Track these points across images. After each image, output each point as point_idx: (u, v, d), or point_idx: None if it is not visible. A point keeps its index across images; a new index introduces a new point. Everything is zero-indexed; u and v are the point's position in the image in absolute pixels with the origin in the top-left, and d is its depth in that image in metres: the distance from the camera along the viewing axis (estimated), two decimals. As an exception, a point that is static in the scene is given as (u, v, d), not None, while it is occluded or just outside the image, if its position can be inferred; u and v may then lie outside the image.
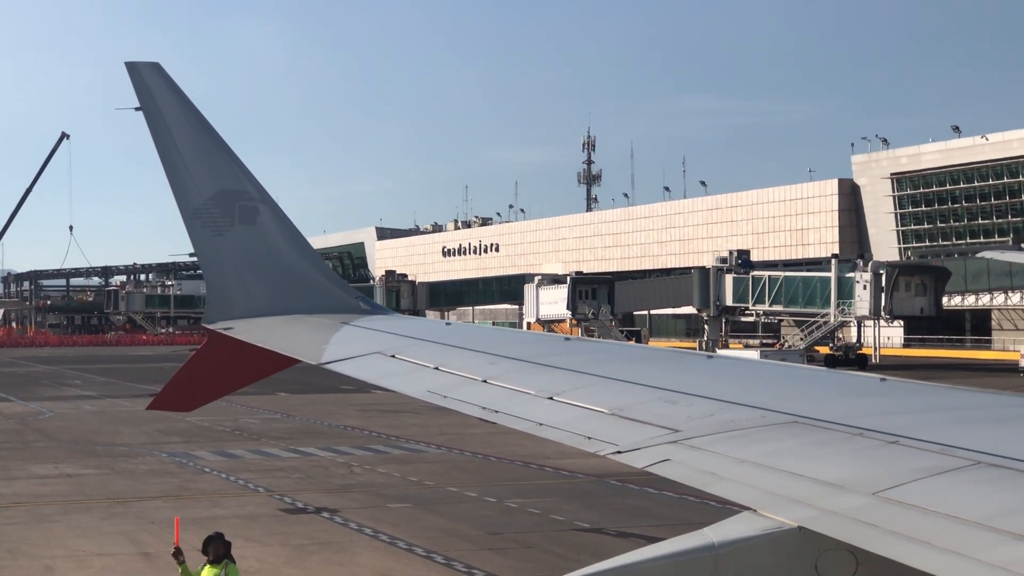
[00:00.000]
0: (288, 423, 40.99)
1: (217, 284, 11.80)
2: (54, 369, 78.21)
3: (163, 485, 26.77)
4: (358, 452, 32.58)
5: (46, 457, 31.98)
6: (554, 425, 6.79)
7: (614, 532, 20.61)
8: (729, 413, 6.22)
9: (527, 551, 19.38)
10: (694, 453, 5.70)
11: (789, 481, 5.00)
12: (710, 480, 5.35)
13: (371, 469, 29.23)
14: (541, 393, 7.36)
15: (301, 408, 46.20)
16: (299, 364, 10.86)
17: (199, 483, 27.32)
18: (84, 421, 42.73)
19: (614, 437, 6.21)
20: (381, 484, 27.01)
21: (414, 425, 38.24)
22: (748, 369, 9.32)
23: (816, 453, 5.35)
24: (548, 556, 18.68)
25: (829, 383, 8.08)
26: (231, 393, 14.46)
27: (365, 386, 8.78)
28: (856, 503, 4.49)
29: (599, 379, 7.60)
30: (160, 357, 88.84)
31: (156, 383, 41.99)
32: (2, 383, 62.37)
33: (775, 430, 5.81)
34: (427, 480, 27.25)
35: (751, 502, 4.90)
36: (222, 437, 36.28)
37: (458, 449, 32.44)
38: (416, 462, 30.69)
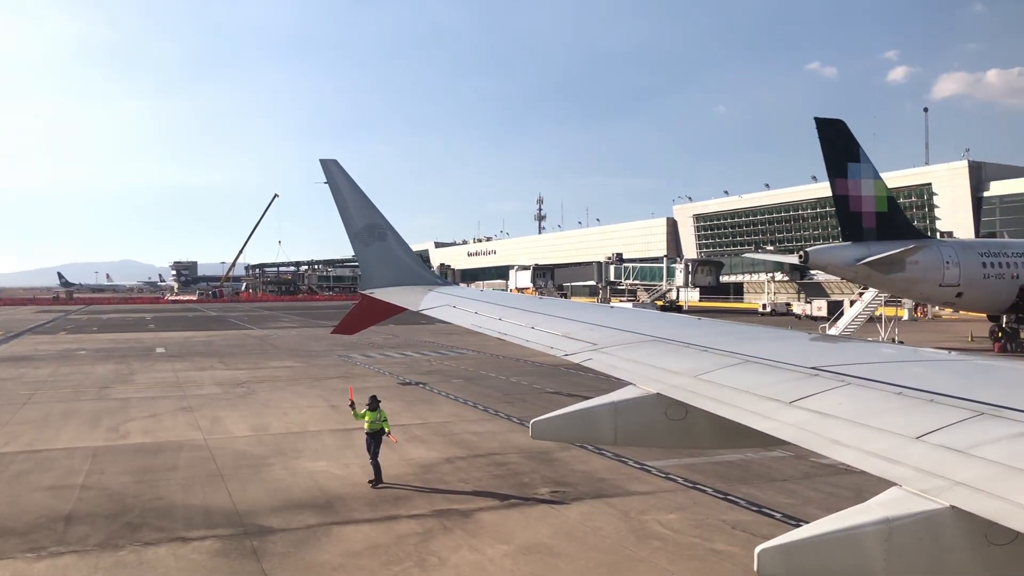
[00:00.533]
0: (395, 339, 66.86)
1: (366, 271, 19.96)
2: (272, 313, 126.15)
3: (336, 371, 46.19)
4: (432, 353, 55.77)
5: (275, 357, 54.85)
6: (534, 340, 11.24)
7: (566, 394, 35.41)
8: (622, 336, 10.16)
9: (524, 403, 33.44)
10: (605, 355, 9.42)
11: (651, 370, 8.36)
12: (612, 368, 8.82)
13: (439, 361, 50.68)
14: (527, 325, 12.20)
15: (402, 332, 72.93)
16: (407, 311, 17.70)
17: (355, 370, 46.51)
18: (292, 340, 71.11)
19: (564, 347, 10.32)
20: (446, 369, 46.53)
21: (461, 340, 63.10)
22: (630, 313, 14.77)
23: (666, 356, 8.90)
24: (536, 405, 32.14)
25: (673, 320, 12.88)
26: (372, 325, 21.89)
27: (439, 321, 13.35)
28: (685, 380, 7.73)
29: (556, 318, 12.31)
30: (325, 307, 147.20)
31: (327, 320, 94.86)
32: (248, 319, 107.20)
33: (646, 344, 9.63)
34: (468, 368, 46.98)
35: (633, 380, 8.13)
36: (362, 347, 59.84)
37: (483, 352, 55.07)
38: (461, 359, 52.10)
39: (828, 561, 4.79)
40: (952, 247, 53.62)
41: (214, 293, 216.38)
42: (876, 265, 50.12)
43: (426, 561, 14.94)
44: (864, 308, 61.33)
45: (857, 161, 50.93)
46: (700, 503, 18.58)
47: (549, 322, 12.04)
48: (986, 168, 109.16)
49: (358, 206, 20.12)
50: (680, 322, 12.13)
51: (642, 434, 7.89)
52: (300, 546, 15.84)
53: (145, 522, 17.44)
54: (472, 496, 19.36)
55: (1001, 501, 4.50)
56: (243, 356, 54.88)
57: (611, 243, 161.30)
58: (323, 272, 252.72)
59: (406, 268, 20.03)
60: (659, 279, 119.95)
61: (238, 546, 15.86)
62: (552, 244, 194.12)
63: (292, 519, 17.57)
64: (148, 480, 21.09)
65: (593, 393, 8.29)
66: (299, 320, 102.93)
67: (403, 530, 16.80)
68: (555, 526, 16.97)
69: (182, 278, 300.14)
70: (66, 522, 17.50)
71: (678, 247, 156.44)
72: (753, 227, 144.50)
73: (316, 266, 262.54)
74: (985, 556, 4.80)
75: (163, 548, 15.73)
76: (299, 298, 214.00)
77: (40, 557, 15.24)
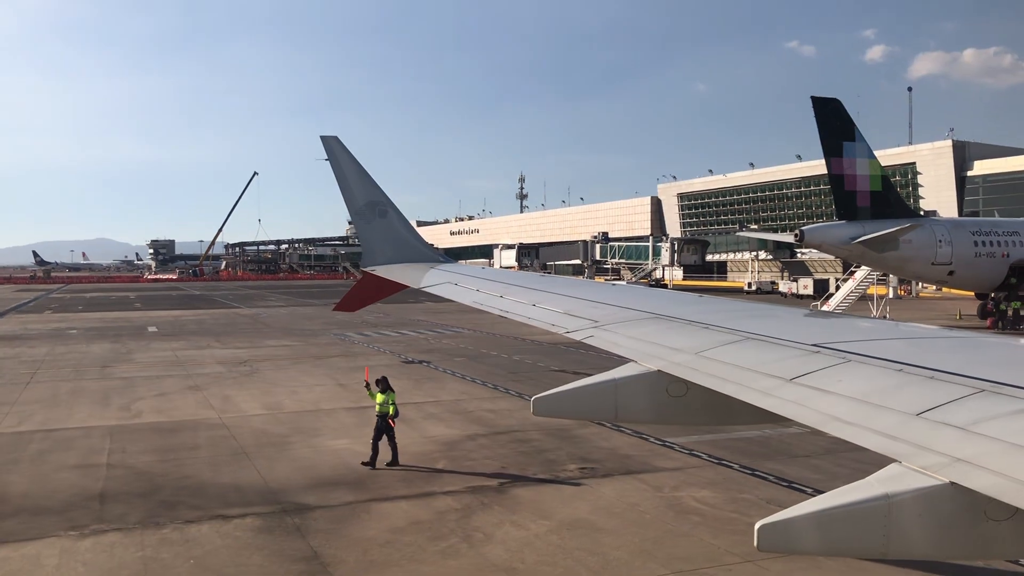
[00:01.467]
0: (387, 318, 65.54)
1: (368, 248, 19.71)
2: (257, 292, 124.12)
3: (336, 349, 45.91)
4: (428, 332, 55.52)
5: (270, 336, 54.41)
6: (536, 318, 11.36)
7: (571, 372, 34.58)
8: (623, 313, 10.30)
9: (531, 380, 33.46)
10: (606, 332, 9.58)
11: (653, 347, 8.52)
12: (613, 346, 9.02)
13: (438, 340, 50.39)
14: (529, 303, 12.21)
15: (393, 311, 71.80)
16: (408, 288, 17.79)
17: (354, 349, 46.10)
18: (283, 318, 70.12)
19: (566, 324, 10.49)
20: (446, 348, 46.12)
21: (454, 319, 63.22)
22: (632, 291, 15.05)
23: (667, 333, 9.03)
24: (543, 383, 28.44)
25: (675, 297, 12.98)
26: (374, 302, 22.01)
27: (429, 300, 13.80)
28: (687, 357, 7.87)
29: (558, 296, 12.44)
30: (308, 286, 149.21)
31: (313, 299, 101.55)
32: (234, 298, 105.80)
33: (648, 321, 9.79)
34: (468, 346, 46.53)
35: (634, 356, 8.29)
36: (355, 326, 59.30)
37: (479, 331, 54.86)
38: (458, 337, 51.70)
39: (828, 537, 4.88)
40: (945, 226, 54.15)
41: (194, 272, 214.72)
42: (870, 244, 50.54)
43: (472, 537, 15.04)
44: (856, 286, 61.88)
45: (852, 140, 51.23)
46: (730, 479, 18.78)
47: (551, 299, 12.11)
48: (970, 147, 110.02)
49: (359, 183, 19.92)
50: (681, 300, 12.23)
51: (643, 411, 8.01)
52: (342, 523, 15.89)
53: (179, 500, 17.43)
54: (502, 473, 19.47)
55: (1000, 477, 4.56)
56: (238, 335, 54.64)
57: (595, 222, 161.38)
58: (304, 251, 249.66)
59: (408, 245, 19.93)
60: (645, 258, 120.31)
61: (279, 523, 15.89)
62: (535, 223, 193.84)
63: (327, 496, 17.61)
64: (172, 459, 21.04)
65: (596, 371, 8.35)
66: (285, 299, 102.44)
67: (441, 506, 16.89)
68: (592, 502, 17.12)
69: (160, 257, 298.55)
70: (100, 500, 17.47)
71: (662, 226, 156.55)
72: (737, 206, 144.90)
73: (296, 245, 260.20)
74: (984, 532, 4.88)
75: (205, 526, 15.74)
76: (280, 277, 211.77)
77: (83, 535, 15.21)
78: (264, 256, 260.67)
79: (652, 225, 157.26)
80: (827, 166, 51.49)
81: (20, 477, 19.41)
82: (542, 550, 14.35)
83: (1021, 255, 53.80)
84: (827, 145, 50.82)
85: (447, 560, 13.95)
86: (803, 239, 52.48)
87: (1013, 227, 56.05)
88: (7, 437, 23.71)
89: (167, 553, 14.31)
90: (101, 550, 14.46)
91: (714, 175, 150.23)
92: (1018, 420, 5.07)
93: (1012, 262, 53.66)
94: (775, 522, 4.89)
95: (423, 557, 14.10)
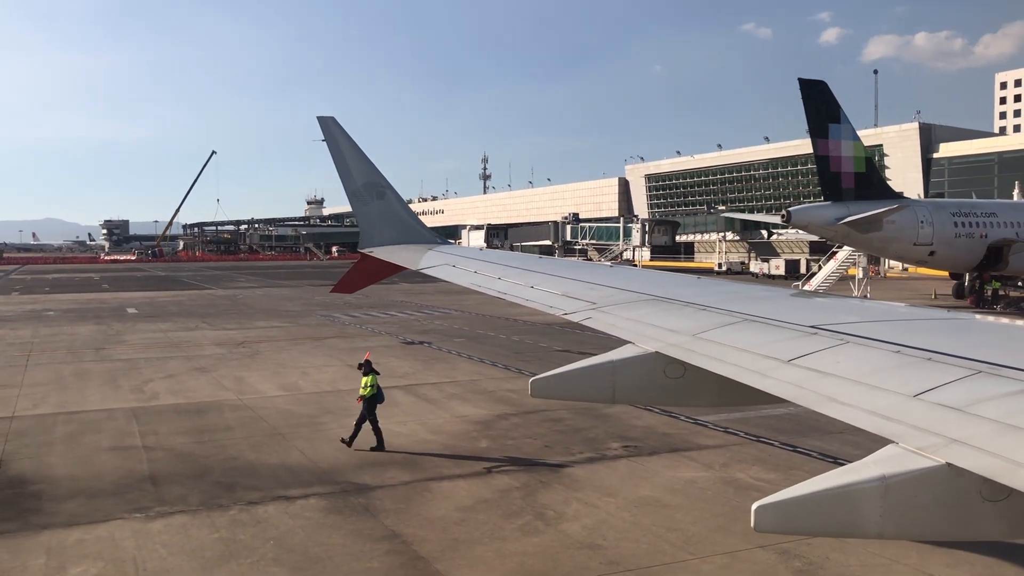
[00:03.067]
0: (368, 299, 62.16)
1: (365, 229, 19.02)
2: (224, 273, 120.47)
3: (329, 331, 45.18)
4: (416, 313, 55.07)
5: (255, 317, 53.38)
6: (534, 300, 11.39)
7: (576, 352, 33.23)
8: (621, 295, 10.27)
9: (539, 361, 33.54)
10: (604, 314, 9.61)
11: (650, 329, 8.53)
12: (611, 327, 8.99)
13: (429, 321, 49.77)
14: (527, 284, 12.24)
15: (373, 292, 67.14)
16: (406, 270, 17.40)
17: (349, 331, 45.37)
18: (261, 300, 68.57)
19: (564, 306, 10.52)
20: (440, 329, 45.53)
21: (437, 300, 64.27)
22: (630, 272, 15.10)
23: (665, 315, 9.08)
24: (552, 364, 30.38)
25: (673, 279, 12.79)
26: (371, 284, 21.15)
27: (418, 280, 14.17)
28: (684, 339, 7.91)
29: (555, 277, 12.42)
30: (273, 267, 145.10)
31: (284, 280, 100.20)
32: (202, 279, 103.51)
33: (645, 303, 9.79)
34: (463, 327, 46.20)
35: (632, 338, 8.31)
36: (338, 307, 58.64)
37: (466, 311, 54.83)
38: (448, 318, 51.34)
39: (825, 517, 4.91)
40: (926, 207, 55.12)
41: (153, 253, 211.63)
42: (855, 224, 51.28)
43: (544, 515, 15.15)
44: (838, 266, 62.81)
45: (838, 122, 51.84)
46: (775, 456, 19.09)
47: (548, 281, 12.11)
48: (935, 130, 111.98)
49: (357, 164, 19.66)
50: (679, 281, 12.35)
51: (641, 392, 8.14)
52: (408, 502, 15.91)
53: (234, 481, 17.31)
54: (547, 451, 19.59)
55: (997, 458, 4.56)
56: (223, 316, 54.03)
57: (562, 203, 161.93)
58: (265, 231, 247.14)
59: (406, 227, 19.73)
60: (616, 239, 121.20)
61: (345, 503, 15.86)
62: (502, 203, 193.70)
63: (381, 476, 17.60)
64: (209, 440, 20.87)
65: (596, 351, 8.39)
66: (256, 280, 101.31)
67: (500, 485, 16.98)
68: (649, 479, 17.30)
69: (113, 237, 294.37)
70: (152, 482, 17.30)
71: (630, 207, 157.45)
72: (705, 187, 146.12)
73: (256, 225, 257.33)
74: (980, 513, 4.90)
75: (270, 507, 15.67)
76: (241, 257, 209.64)
77: (150, 517, 15.07)
78: (223, 236, 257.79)
79: (620, 206, 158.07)
80: (813, 147, 52.07)
81: (61, 460, 19.14)
82: (619, 527, 14.51)
83: (998, 235, 54.96)
84: (813, 127, 51.39)
85: (528, 537, 14.05)
86: (790, 220, 53.09)
87: (990, 208, 57.24)
88: (29, 420, 23.31)
89: (243, 534, 14.24)
90: (175, 532, 14.34)
91: (682, 156, 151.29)
92: (1015, 401, 5.10)
93: (990, 242, 54.80)
94: (773, 503, 4.90)
95: (503, 535, 14.19)
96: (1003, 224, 55.61)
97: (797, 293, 10.54)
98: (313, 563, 12.97)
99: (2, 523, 14.82)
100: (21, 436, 21.40)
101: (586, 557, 13.15)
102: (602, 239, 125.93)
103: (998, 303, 54.96)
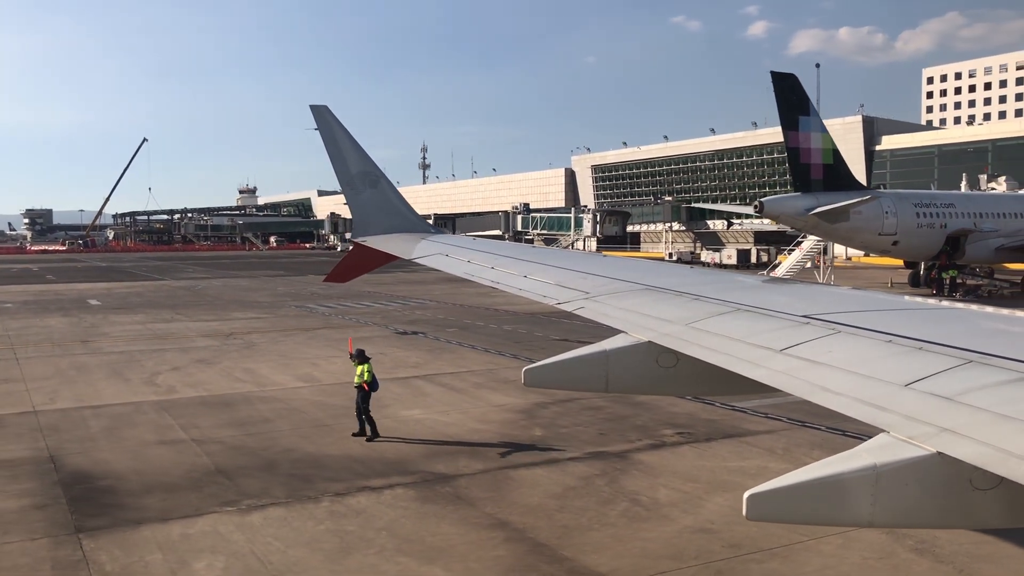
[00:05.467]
0: (333, 290, 60.77)
1: (359, 218, 18.73)
2: (169, 264, 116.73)
3: (315, 322, 43.95)
4: (392, 303, 53.92)
5: (228, 308, 51.69)
6: (527, 289, 11.35)
7: (575, 341, 32.29)
8: (615, 284, 10.35)
9: (544, 351, 31.91)
10: (597, 304, 9.62)
11: (643, 318, 8.58)
12: (604, 317, 9.03)
13: (410, 311, 48.97)
14: (520, 274, 12.17)
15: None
16: (399, 259, 16.93)
17: (333, 321, 44.18)
18: (223, 290, 66.54)
19: (557, 295, 10.51)
20: (426, 319, 44.74)
21: (408, 290, 63.18)
22: (624, 262, 15.07)
23: (658, 304, 9.10)
24: (551, 350, 30.33)
25: (666, 268, 13.19)
26: (364, 274, 20.57)
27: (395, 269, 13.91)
28: (677, 328, 7.96)
29: (549, 267, 12.37)
30: (215, 257, 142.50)
31: (236, 270, 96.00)
32: (149, 270, 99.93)
33: (639, 292, 9.84)
34: (448, 317, 45.79)
35: (625, 328, 8.34)
36: (305, 297, 58.39)
37: (446, 302, 54.00)
38: (428, 308, 50.95)
39: (816, 506, 4.94)
40: (890, 198, 56.68)
41: (85, 243, 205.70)
42: (824, 215, 52.55)
43: (638, 500, 15.36)
44: (803, 256, 64.27)
45: (807, 115, 53.00)
46: (828, 440, 19.58)
47: (541, 270, 12.16)
48: (878, 123, 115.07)
49: (350, 153, 19.43)
50: (673, 271, 12.58)
51: (634, 381, 8.16)
52: (498, 490, 15.98)
53: (307, 473, 17.17)
54: (604, 439, 19.81)
55: (987, 447, 4.60)
56: (193, 308, 52.90)
57: (508, 193, 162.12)
58: (200, 221, 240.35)
59: (399, 216, 19.54)
60: (567, 229, 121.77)
61: (434, 493, 15.86)
62: (446, 193, 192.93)
63: (455, 466, 17.61)
64: (256, 433, 20.59)
65: (591, 339, 8.49)
66: (206, 271, 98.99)
67: (578, 472, 17.13)
68: (721, 464, 17.66)
69: (36, 227, 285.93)
70: (225, 476, 17.05)
71: (576, 197, 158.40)
72: (652, 178, 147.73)
73: (190, 215, 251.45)
74: (970, 501, 4.96)
75: (360, 498, 15.59)
76: (176, 248, 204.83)
77: (242, 511, 14.88)
78: (156, 226, 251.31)
79: (567, 196, 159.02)
80: (784, 139, 53.15)
81: (113, 455, 18.72)
82: (719, 512, 14.77)
83: (957, 225, 56.84)
84: (785, 119, 52.43)
85: (637, 523, 14.24)
86: (763, 210, 54.14)
87: (949, 199, 59.18)
88: (54, 415, 22.69)
89: (350, 525, 14.17)
90: (278, 524, 14.18)
91: (628, 147, 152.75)
92: (1005, 390, 5.14)
93: (949, 232, 56.65)
94: (765, 491, 4.95)
95: (610, 521, 14.36)
96: (961, 215, 57.54)
97: (787, 281, 10.74)
98: (438, 552, 12.98)
99: (91, 518, 14.51)
100: (56, 431, 20.85)
101: (705, 541, 13.41)
102: (553, 229, 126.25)
103: (956, 291, 56.85)
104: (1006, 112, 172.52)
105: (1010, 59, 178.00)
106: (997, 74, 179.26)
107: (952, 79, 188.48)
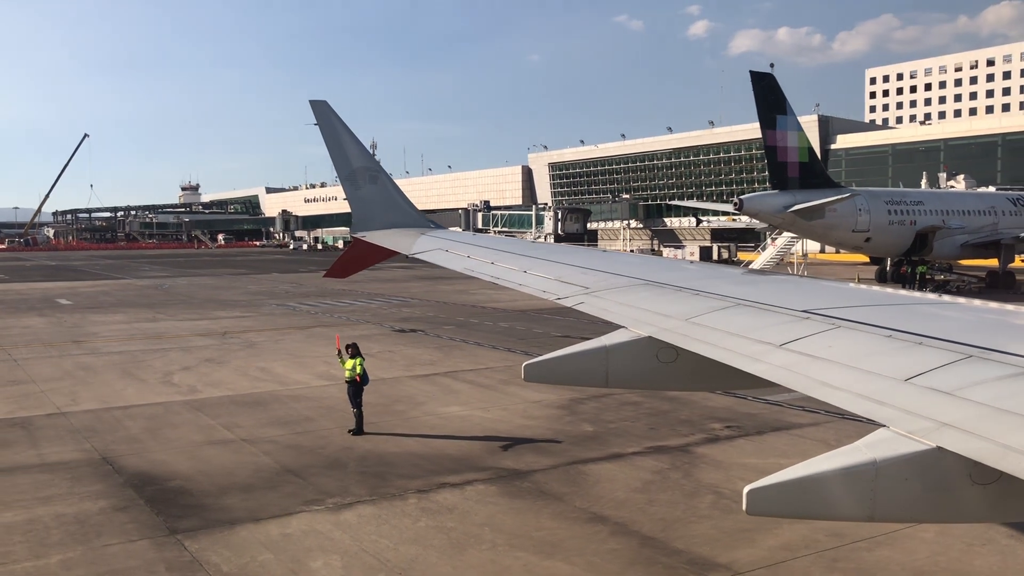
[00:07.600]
0: (303, 288, 63.58)
1: (358, 213, 18.58)
2: (120, 263, 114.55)
3: (306, 320, 43.58)
4: (374, 302, 53.45)
5: (206, 307, 50.75)
6: (528, 284, 11.32)
7: (577, 337, 33.07)
8: (614, 279, 10.34)
9: (548, 346, 31.24)
10: (597, 299, 9.64)
11: (643, 313, 8.62)
12: (605, 312, 9.06)
13: (398, 309, 49.03)
14: (520, 269, 12.20)
15: (305, 280, 73.05)
16: (399, 255, 17.21)
17: (323, 320, 43.52)
18: (190, 289, 65.75)
19: (557, 291, 10.49)
20: (417, 316, 44.72)
21: (382, 288, 63.34)
22: (624, 257, 15.22)
23: (658, 299, 9.14)
24: (556, 346, 28.56)
25: (666, 264, 13.39)
26: (363, 269, 20.28)
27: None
28: (677, 323, 8.00)
29: (548, 262, 12.45)
30: (167, 255, 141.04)
31: (193, 268, 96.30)
32: (102, 268, 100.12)
33: (639, 288, 9.84)
34: (440, 315, 45.50)
35: (625, 323, 8.40)
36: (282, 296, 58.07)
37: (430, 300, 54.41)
38: (417, 307, 50.45)
39: (817, 500, 4.97)
40: (864, 196, 57.96)
41: (26, 241, 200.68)
42: (801, 212, 53.57)
43: (721, 492, 15.60)
44: (777, 251, 65.38)
45: (784, 114, 53.96)
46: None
47: (541, 266, 12.19)
48: (833, 122, 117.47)
49: (350, 148, 19.38)
50: (673, 266, 12.80)
51: (634, 376, 8.21)
52: (577, 485, 16.08)
53: (380, 471, 17.09)
54: (656, 433, 20.01)
55: (986, 442, 4.61)
56: (171, 307, 51.97)
57: (464, 190, 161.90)
58: (145, 219, 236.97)
59: (398, 211, 19.47)
60: (528, 226, 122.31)
61: (514, 488, 15.93)
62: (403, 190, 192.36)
63: (524, 461, 17.69)
64: (304, 431, 20.41)
65: (588, 336, 8.61)
66: (165, 269, 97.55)
67: (649, 466, 17.33)
68: (784, 456, 17.94)
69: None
70: (296, 475, 16.87)
71: (533, 195, 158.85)
72: (609, 176, 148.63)
73: (134, 212, 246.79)
74: (970, 495, 4.97)
75: (444, 493, 15.58)
76: (120, 246, 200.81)
77: (331, 509, 14.78)
78: (99, 224, 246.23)
79: (523, 194, 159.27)
80: (763, 138, 54.09)
81: (167, 456, 18.41)
82: (805, 501, 15.04)
83: (926, 223, 58.37)
84: (763, 117, 53.33)
85: (730, 515, 14.45)
86: (742, 207, 55.01)
87: (918, 197, 60.76)
88: (84, 416, 22.23)
89: (449, 522, 14.17)
90: (376, 522, 14.12)
91: (586, 145, 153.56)
92: (1004, 385, 5.15)
93: (918, 229, 58.14)
94: (765, 486, 5.00)
95: (703, 513, 14.57)
96: (929, 212, 59.10)
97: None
98: (553, 547, 13.05)
99: (180, 520, 14.28)
100: (95, 433, 20.43)
101: (807, 530, 13.65)
102: (515, 226, 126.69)
103: (926, 287, 58.36)
104: (946, 112, 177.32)
105: (948, 61, 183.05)
106: (937, 75, 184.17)
107: (894, 79, 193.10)
